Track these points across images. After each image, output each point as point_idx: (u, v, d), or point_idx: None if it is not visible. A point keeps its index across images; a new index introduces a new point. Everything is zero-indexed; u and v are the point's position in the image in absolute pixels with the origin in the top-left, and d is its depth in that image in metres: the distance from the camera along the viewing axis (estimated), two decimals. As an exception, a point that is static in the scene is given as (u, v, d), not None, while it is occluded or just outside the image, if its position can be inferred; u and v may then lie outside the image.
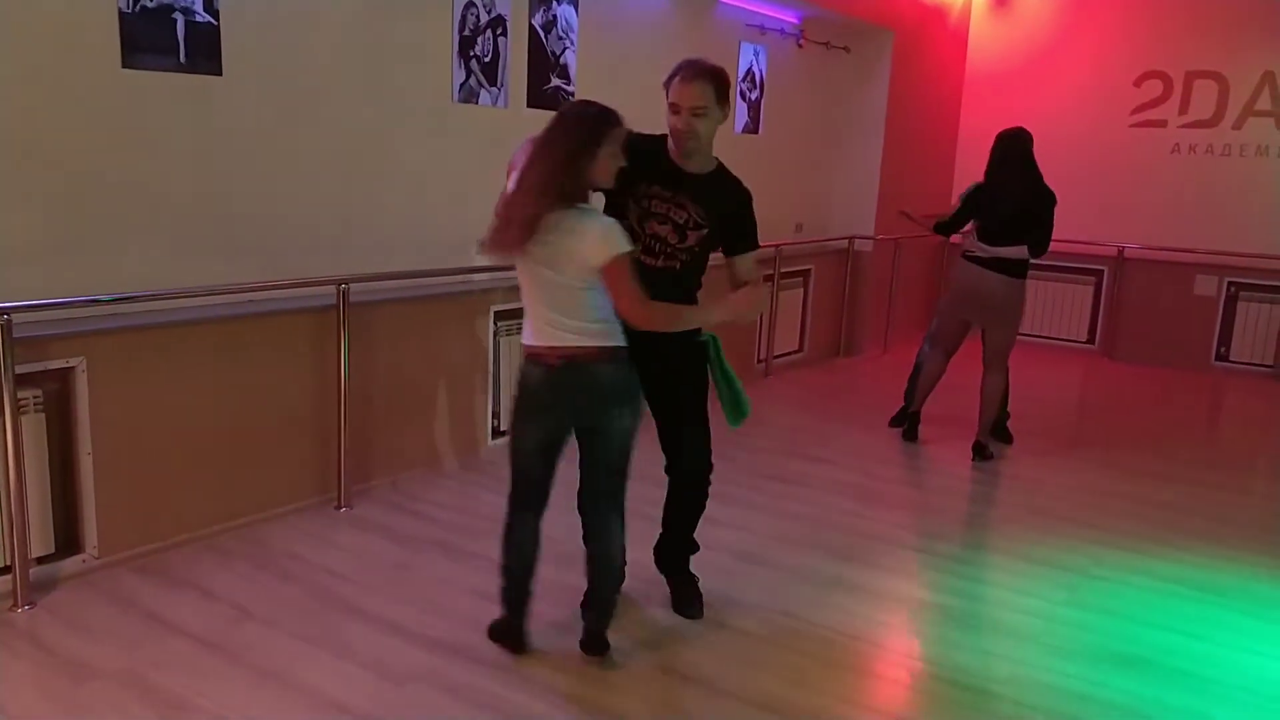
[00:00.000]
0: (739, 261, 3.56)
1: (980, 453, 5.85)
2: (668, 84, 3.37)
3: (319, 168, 4.50)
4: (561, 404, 3.14)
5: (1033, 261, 5.71)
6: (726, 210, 3.48)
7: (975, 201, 5.78)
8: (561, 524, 3.61)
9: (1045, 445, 6.24)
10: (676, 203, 3.40)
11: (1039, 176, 5.63)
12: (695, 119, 3.31)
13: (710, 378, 3.59)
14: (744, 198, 3.52)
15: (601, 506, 3.25)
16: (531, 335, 3.12)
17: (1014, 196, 5.60)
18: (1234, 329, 8.92)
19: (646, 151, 3.35)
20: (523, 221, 2.93)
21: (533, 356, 3.13)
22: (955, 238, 6.19)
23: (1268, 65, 8.57)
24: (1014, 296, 5.74)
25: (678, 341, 3.36)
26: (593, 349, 3.06)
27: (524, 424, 3.21)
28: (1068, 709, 3.21)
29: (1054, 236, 5.64)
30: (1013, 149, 5.66)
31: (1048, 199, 5.59)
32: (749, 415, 3.62)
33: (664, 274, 3.40)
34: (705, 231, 3.43)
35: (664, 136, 3.43)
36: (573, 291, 3.02)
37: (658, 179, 3.39)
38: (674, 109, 3.34)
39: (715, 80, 3.33)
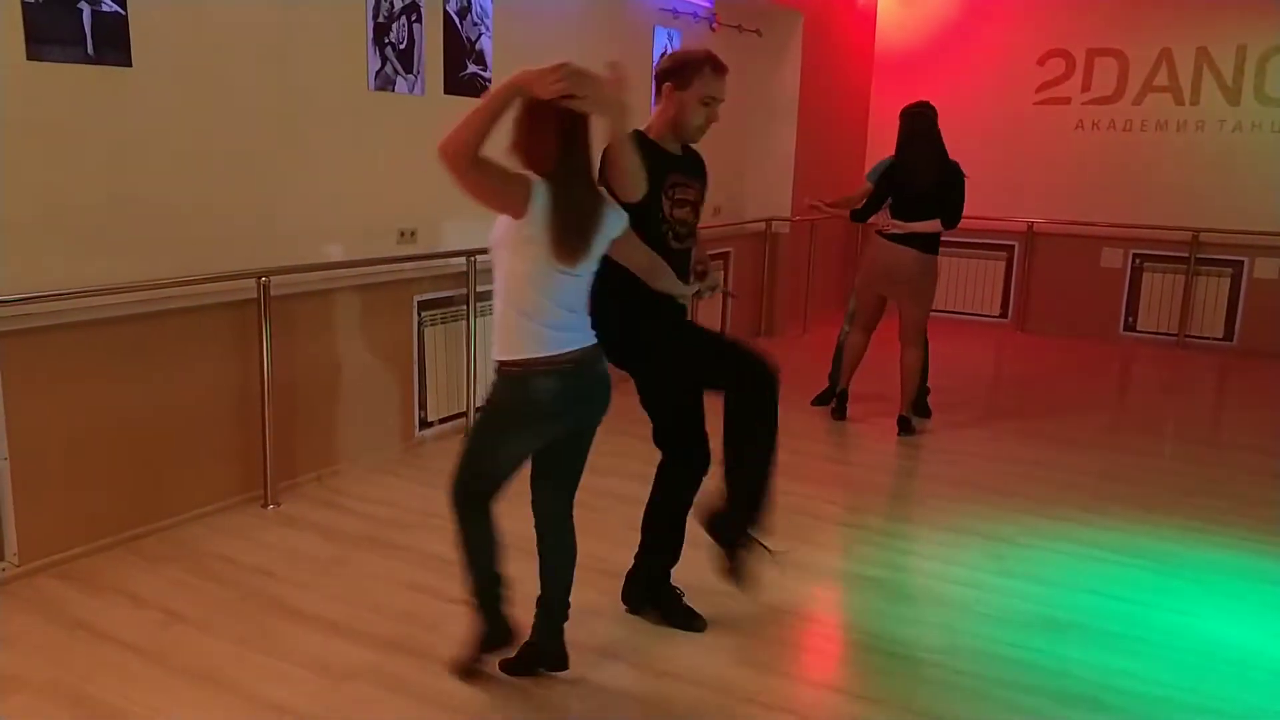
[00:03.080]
0: None
1: (905, 426, 5.98)
2: (686, 76, 3.29)
3: (235, 159, 4.39)
4: (570, 411, 2.97)
5: (944, 237, 5.83)
6: (705, 175, 3.58)
7: (890, 179, 5.87)
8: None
9: (965, 418, 6.39)
10: (688, 184, 3.43)
11: (945, 152, 5.76)
12: (717, 109, 3.36)
13: None
14: (703, 159, 3.61)
15: (569, 506, 3.18)
16: (540, 344, 2.85)
17: (927, 172, 5.72)
18: (1140, 299, 9.23)
19: (650, 150, 3.27)
20: None
21: (540, 367, 2.86)
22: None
23: (1165, 42, 8.87)
24: (928, 270, 5.88)
25: (672, 307, 3.46)
26: (595, 347, 2.98)
27: (522, 436, 2.97)
28: (1001, 674, 3.31)
29: (966, 213, 5.77)
30: (920, 123, 5.77)
31: (958, 172, 5.73)
32: None
33: (685, 255, 3.46)
34: (703, 201, 3.54)
35: (637, 132, 3.29)
36: (582, 282, 2.91)
37: (672, 166, 3.36)
38: (709, 101, 3.30)
39: None
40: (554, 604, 3.17)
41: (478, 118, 2.60)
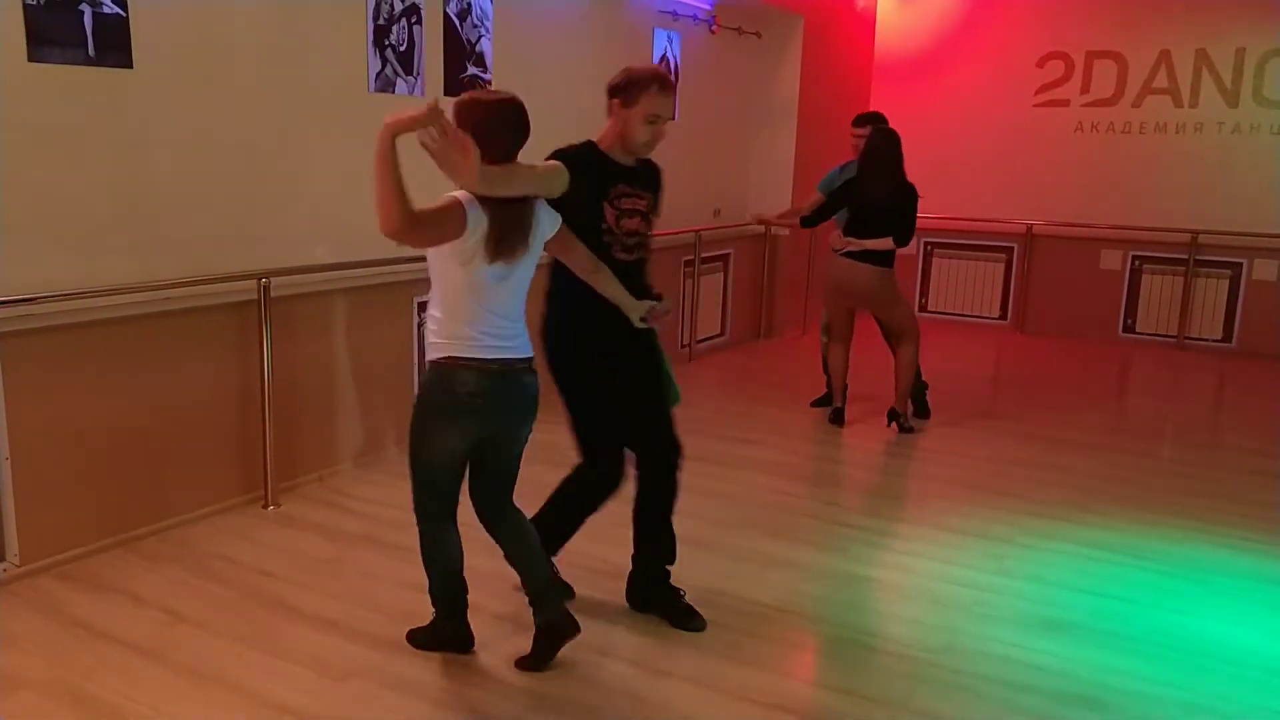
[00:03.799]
0: None
1: (896, 418, 6.02)
2: (632, 93, 3.32)
3: (235, 161, 4.40)
4: (490, 412, 3.06)
5: (899, 249, 5.87)
6: (659, 187, 3.59)
7: (847, 192, 5.94)
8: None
9: (965, 419, 6.39)
10: (637, 195, 3.45)
11: (903, 172, 5.81)
12: (663, 126, 3.40)
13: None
14: (660, 172, 3.64)
15: (509, 508, 3.28)
16: (470, 346, 2.97)
17: (880, 192, 5.78)
18: (1139, 301, 9.24)
19: (595, 159, 3.36)
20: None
21: (463, 364, 2.99)
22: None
23: (1164, 44, 8.88)
24: (887, 283, 5.93)
25: (626, 324, 3.39)
26: (527, 359, 3.10)
27: (451, 431, 3.07)
28: (999, 674, 3.31)
29: (965, 215, 5.81)
30: (879, 144, 5.83)
31: (911, 194, 5.78)
32: (678, 404, 3.66)
33: (636, 266, 3.49)
34: (656, 214, 3.56)
35: (589, 142, 3.41)
36: (518, 288, 3.06)
37: (620, 177, 3.41)
38: (654, 119, 3.33)
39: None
40: (538, 582, 3.27)
41: (384, 185, 2.72)
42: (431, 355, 3.04)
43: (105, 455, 4.01)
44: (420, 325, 5.34)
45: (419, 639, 3.35)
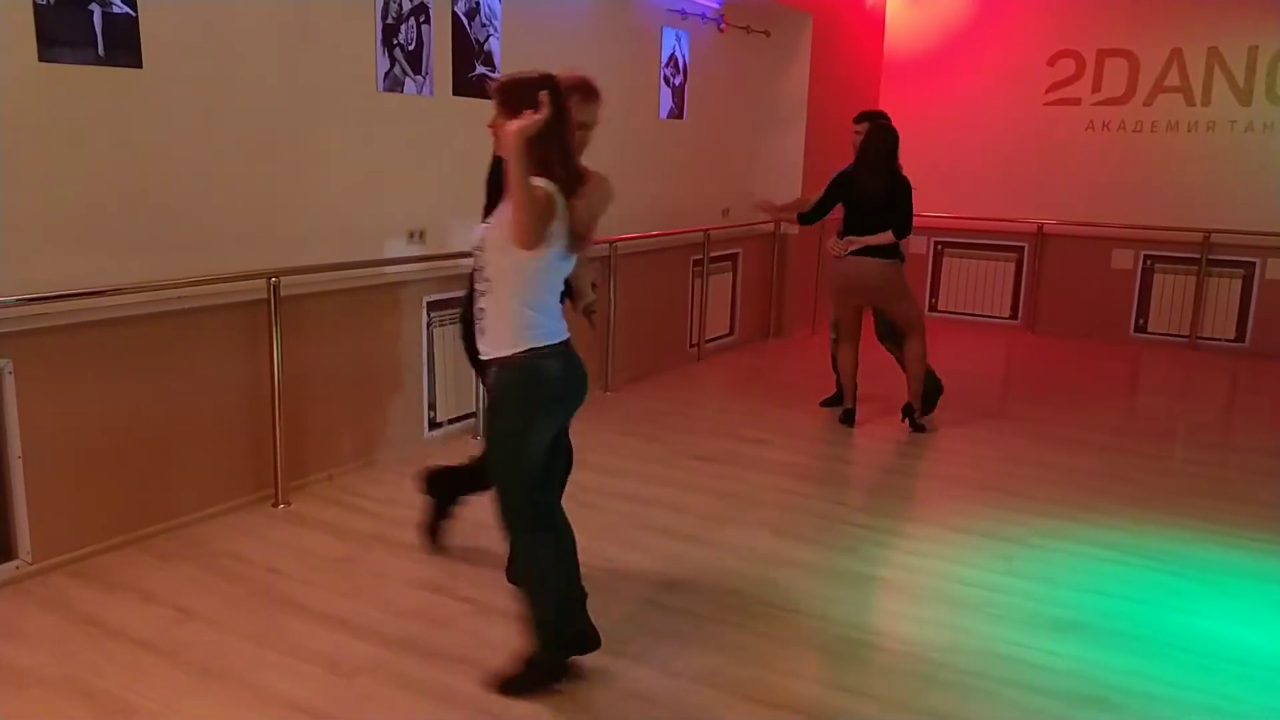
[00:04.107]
0: None
1: (910, 414, 6.02)
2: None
3: (245, 160, 4.42)
4: (571, 395, 3.07)
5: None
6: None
7: (841, 188, 5.95)
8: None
9: (975, 419, 6.38)
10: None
11: (897, 167, 5.82)
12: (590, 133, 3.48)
13: None
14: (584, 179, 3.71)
15: (559, 500, 3.27)
16: (556, 332, 3.00)
17: (874, 187, 5.80)
18: (1151, 301, 9.20)
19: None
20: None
21: (548, 351, 2.98)
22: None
23: (1175, 42, 8.84)
24: (894, 275, 5.92)
25: None
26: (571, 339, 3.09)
27: (547, 422, 3.06)
28: (1008, 674, 3.31)
29: (975, 214, 5.79)
30: (874, 140, 5.87)
31: (904, 188, 5.80)
32: None
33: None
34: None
35: None
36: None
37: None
38: (580, 126, 3.34)
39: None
40: (575, 592, 3.21)
41: (529, 200, 2.71)
42: (507, 350, 2.95)
43: (116, 453, 4.03)
44: (429, 325, 5.35)
45: (521, 686, 3.10)
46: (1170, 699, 3.20)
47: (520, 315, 2.94)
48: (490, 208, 3.47)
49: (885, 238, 5.78)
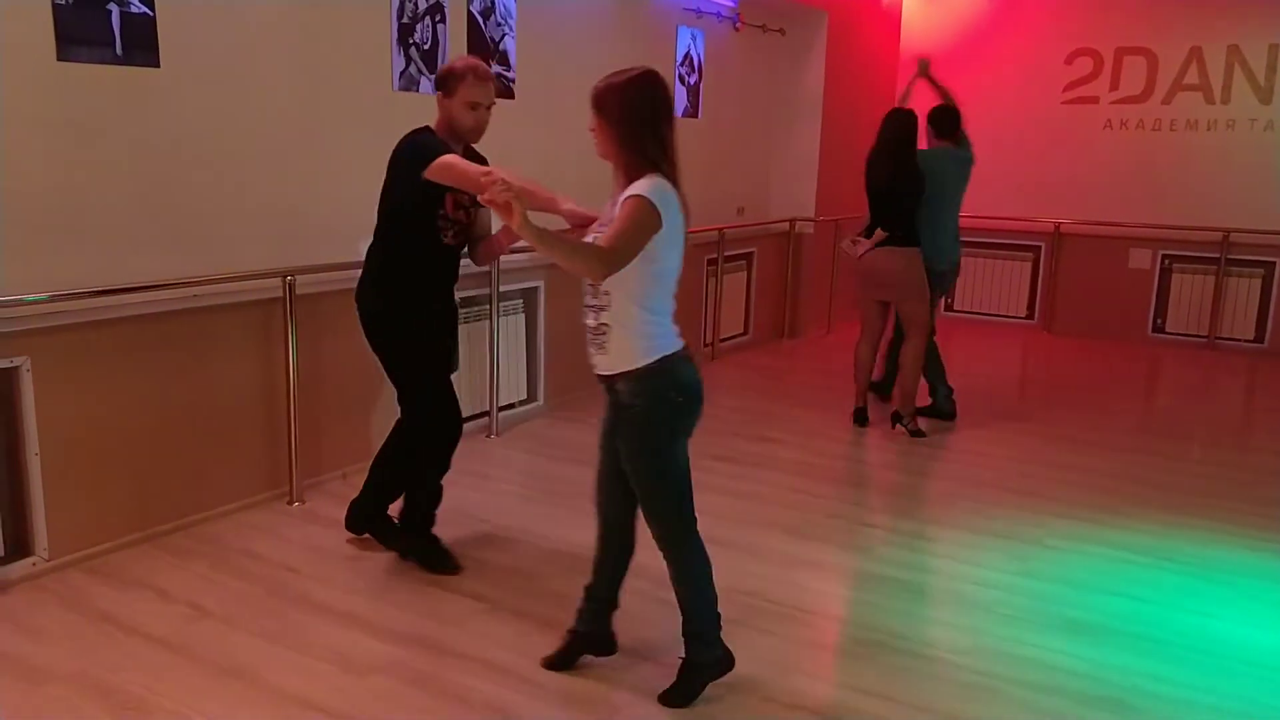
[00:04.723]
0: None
1: (899, 421, 5.95)
2: (452, 85, 3.62)
3: (261, 159, 4.43)
4: (701, 402, 2.98)
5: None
6: None
7: (866, 179, 5.94)
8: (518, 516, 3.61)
9: (992, 419, 6.35)
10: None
11: (908, 156, 5.75)
12: (488, 114, 3.69)
13: None
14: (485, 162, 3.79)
15: (635, 509, 3.20)
16: (677, 337, 2.92)
17: (876, 176, 5.80)
18: (1169, 301, 9.14)
19: (434, 145, 3.60)
20: None
21: (680, 356, 2.91)
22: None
23: (1195, 40, 8.78)
24: (911, 265, 5.80)
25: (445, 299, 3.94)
26: None
27: (690, 428, 2.98)
28: (1024, 676, 3.29)
29: (992, 214, 5.77)
30: (884, 127, 5.84)
31: (910, 179, 5.71)
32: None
33: (457, 250, 3.87)
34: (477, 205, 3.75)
35: (429, 128, 3.68)
36: None
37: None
38: (474, 106, 3.63)
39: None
40: (612, 597, 3.23)
41: (562, 256, 2.71)
42: (642, 361, 2.85)
43: (132, 451, 4.05)
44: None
45: (688, 692, 3.07)
46: (1187, 701, 3.18)
47: (646, 324, 2.85)
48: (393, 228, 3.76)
49: (879, 237, 5.75)
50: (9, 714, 2.92)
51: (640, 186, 2.74)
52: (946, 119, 6.04)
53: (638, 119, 2.79)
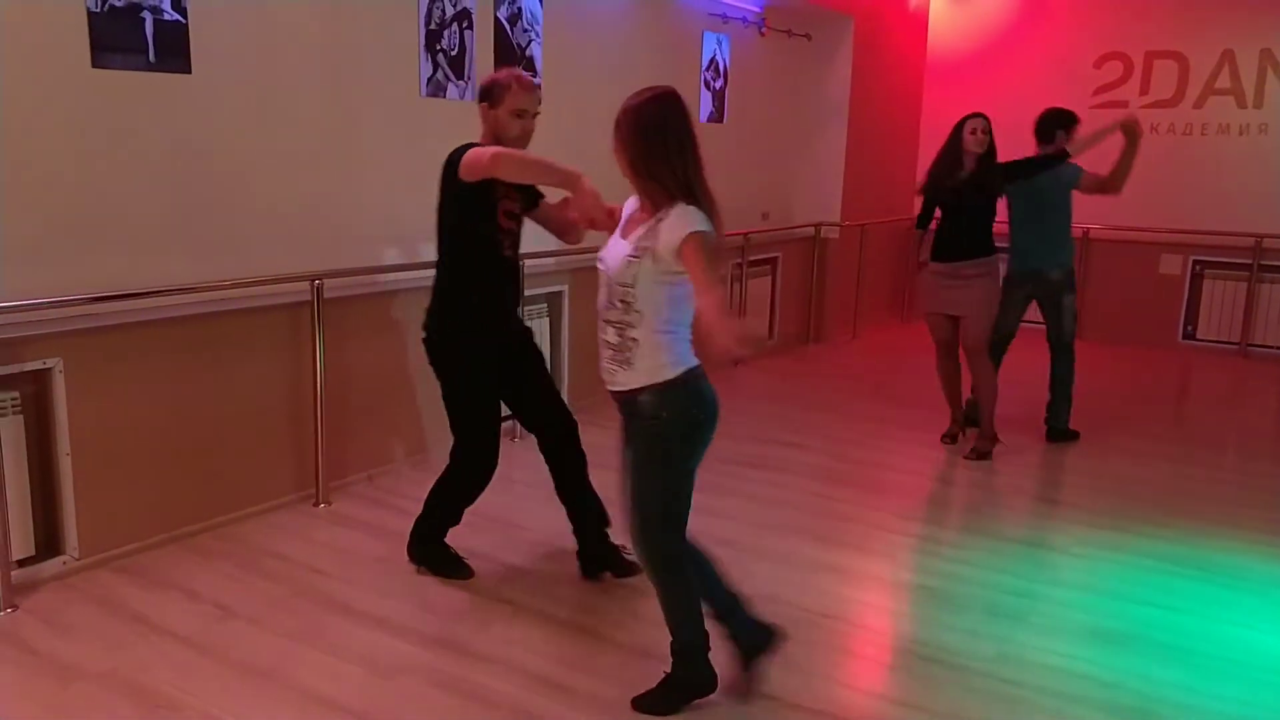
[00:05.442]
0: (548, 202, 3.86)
1: (979, 455, 5.68)
2: (497, 95, 3.62)
3: (290, 164, 4.47)
4: (716, 421, 2.97)
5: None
6: (528, 191, 3.82)
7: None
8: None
9: (1019, 427, 6.30)
10: (513, 195, 3.68)
11: (951, 160, 5.55)
12: (533, 123, 3.69)
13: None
14: None
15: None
16: (691, 354, 2.91)
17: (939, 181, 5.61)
18: (1200, 307, 9.04)
19: None
20: None
21: (700, 371, 2.92)
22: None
23: (1227, 44, 8.69)
24: (975, 279, 5.56)
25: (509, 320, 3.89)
26: None
27: (701, 449, 2.95)
28: (1050, 684, 3.26)
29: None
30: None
31: (950, 191, 5.52)
32: None
33: (515, 262, 3.82)
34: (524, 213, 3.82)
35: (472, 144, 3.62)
36: None
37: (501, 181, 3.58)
38: (520, 114, 3.63)
39: None
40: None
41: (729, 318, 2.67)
42: (670, 374, 2.84)
43: (162, 452, 4.09)
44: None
45: (661, 703, 3.04)
46: (1216, 712, 3.14)
47: (674, 339, 2.86)
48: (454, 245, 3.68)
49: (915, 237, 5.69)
50: (40, 711, 2.95)
51: (684, 224, 2.74)
52: (1046, 124, 5.95)
53: (649, 142, 2.80)
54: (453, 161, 3.53)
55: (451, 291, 3.71)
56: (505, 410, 3.92)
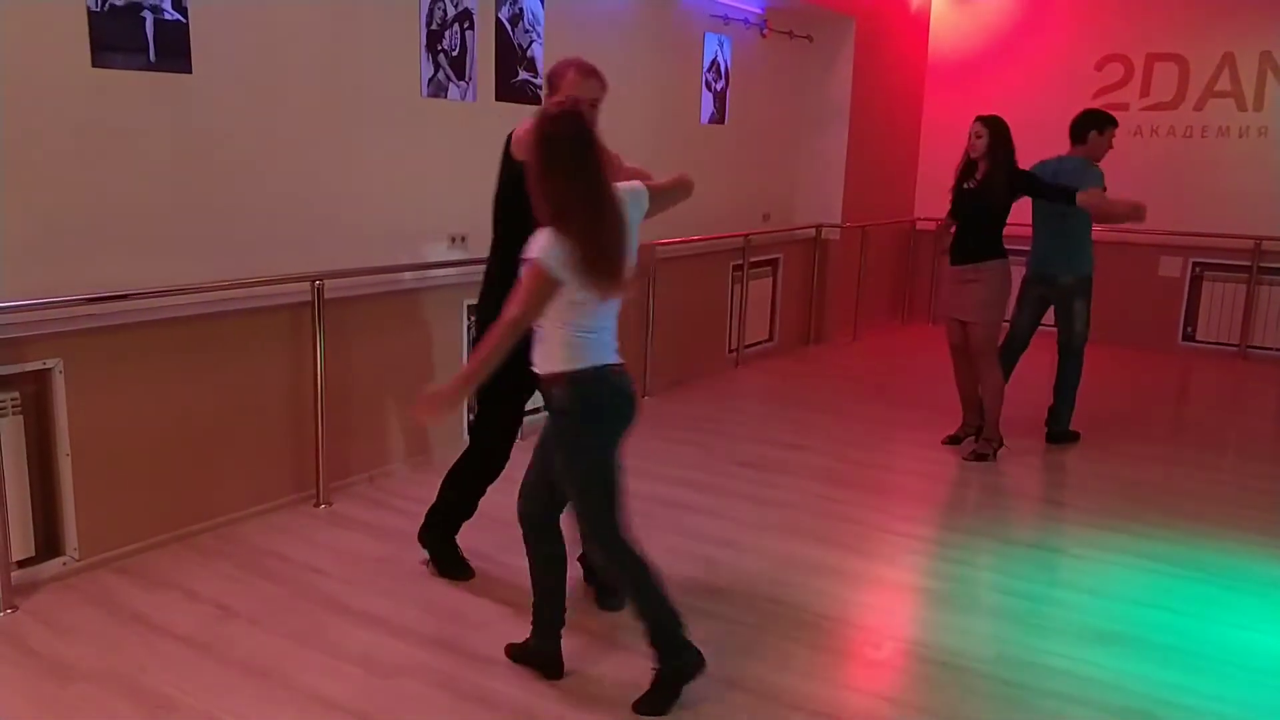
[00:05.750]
0: None
1: (977, 456, 5.69)
2: (556, 84, 3.50)
3: (290, 164, 4.47)
4: (633, 414, 3.06)
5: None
6: None
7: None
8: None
9: (1019, 428, 6.29)
10: None
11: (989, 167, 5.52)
12: (595, 111, 3.43)
13: None
14: None
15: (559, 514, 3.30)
16: (613, 353, 3.00)
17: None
18: (1199, 309, 9.04)
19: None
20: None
21: (615, 370, 3.00)
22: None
23: (1227, 46, 8.69)
24: (978, 280, 5.55)
25: None
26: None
27: (618, 438, 3.04)
28: (1051, 686, 3.26)
29: (1019, 220, 5.69)
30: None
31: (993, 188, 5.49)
32: None
33: None
34: None
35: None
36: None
37: None
38: (580, 102, 3.38)
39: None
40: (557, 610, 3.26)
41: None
42: (567, 366, 2.96)
43: (162, 452, 4.08)
44: (469, 329, 5.37)
45: (661, 699, 3.05)
46: (1217, 714, 3.14)
47: (569, 337, 2.92)
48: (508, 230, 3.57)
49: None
50: (39, 711, 2.95)
51: (529, 248, 2.82)
52: (1080, 124, 6.05)
53: (540, 166, 2.81)
54: (508, 140, 3.47)
55: (501, 280, 3.59)
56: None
